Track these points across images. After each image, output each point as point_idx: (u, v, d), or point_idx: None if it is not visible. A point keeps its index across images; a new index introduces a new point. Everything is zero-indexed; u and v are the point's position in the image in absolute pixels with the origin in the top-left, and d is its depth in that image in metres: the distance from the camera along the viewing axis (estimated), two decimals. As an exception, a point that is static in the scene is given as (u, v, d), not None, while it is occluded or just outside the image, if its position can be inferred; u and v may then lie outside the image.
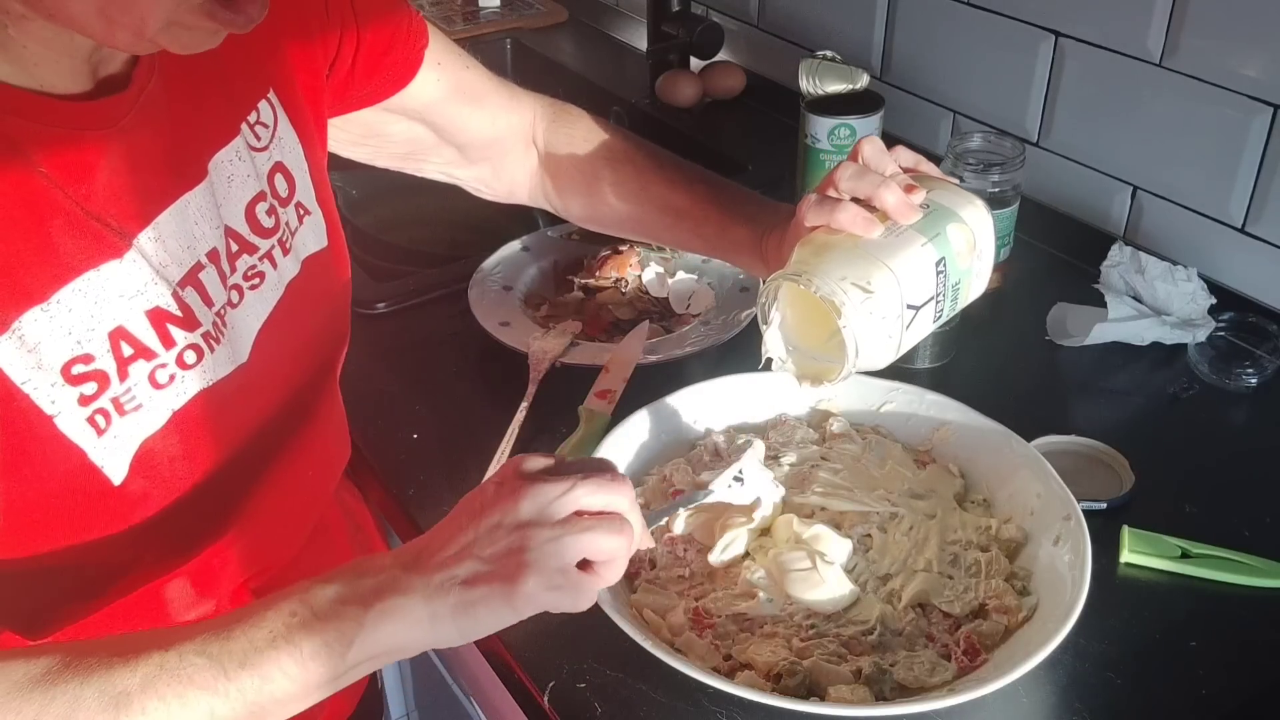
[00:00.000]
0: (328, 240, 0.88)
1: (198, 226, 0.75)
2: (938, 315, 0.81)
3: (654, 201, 1.03)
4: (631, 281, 1.25)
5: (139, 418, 0.71)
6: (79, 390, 0.67)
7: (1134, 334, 1.15)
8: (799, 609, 0.83)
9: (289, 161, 0.84)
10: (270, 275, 0.82)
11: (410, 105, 0.97)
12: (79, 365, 0.67)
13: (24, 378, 0.65)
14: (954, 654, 0.80)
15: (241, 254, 0.79)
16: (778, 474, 0.94)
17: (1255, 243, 1.19)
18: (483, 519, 0.67)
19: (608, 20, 2.03)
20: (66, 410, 0.67)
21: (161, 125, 0.73)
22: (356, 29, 0.88)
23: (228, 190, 0.78)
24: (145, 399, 0.71)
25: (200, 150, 0.77)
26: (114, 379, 0.69)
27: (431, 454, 1.05)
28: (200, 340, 0.74)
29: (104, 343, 0.68)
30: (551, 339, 1.15)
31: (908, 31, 1.49)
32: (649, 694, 0.81)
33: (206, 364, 0.75)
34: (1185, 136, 1.21)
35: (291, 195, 0.84)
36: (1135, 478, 0.98)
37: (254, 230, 0.80)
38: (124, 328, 0.69)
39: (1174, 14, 1.17)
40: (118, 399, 0.69)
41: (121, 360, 0.69)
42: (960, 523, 0.90)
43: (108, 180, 0.69)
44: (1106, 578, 0.90)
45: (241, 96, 0.80)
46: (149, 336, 0.71)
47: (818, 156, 1.37)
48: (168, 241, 0.72)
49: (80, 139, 0.67)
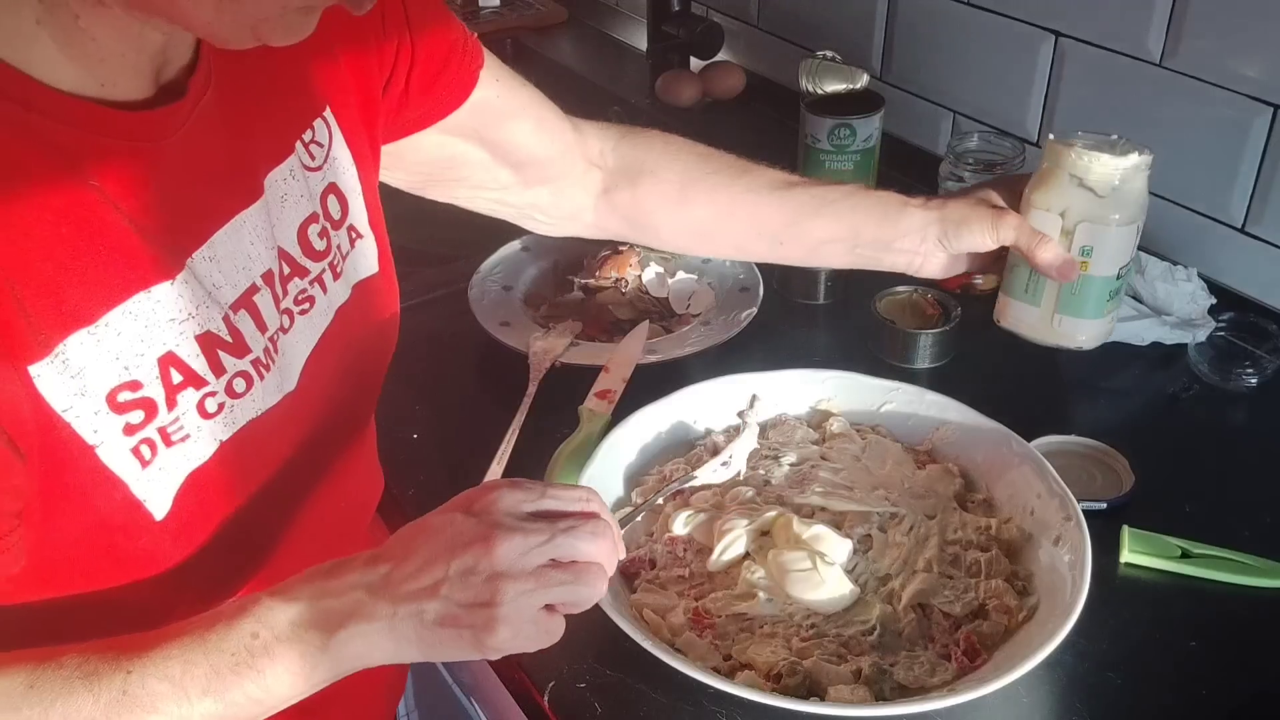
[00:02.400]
0: (378, 267, 0.85)
1: (253, 247, 0.72)
2: None
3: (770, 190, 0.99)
4: (631, 281, 1.25)
5: (186, 449, 0.68)
6: (124, 419, 0.64)
7: (1134, 334, 1.15)
8: (799, 609, 0.83)
9: (343, 183, 0.81)
10: (320, 300, 0.79)
11: (468, 123, 0.92)
12: (125, 392, 0.64)
13: (66, 405, 0.61)
14: (954, 654, 0.80)
15: (293, 277, 0.76)
16: (777, 474, 0.95)
17: (1255, 243, 1.19)
18: (456, 557, 0.64)
19: (608, 20, 2.03)
20: (110, 440, 0.64)
21: (217, 139, 0.70)
22: (412, 44, 0.84)
23: (281, 210, 0.75)
24: (193, 429, 0.68)
25: (255, 166, 0.73)
26: (162, 407, 0.66)
27: (431, 454, 1.05)
28: (250, 368, 0.71)
29: (153, 369, 0.65)
30: (551, 339, 1.15)
31: (908, 31, 1.49)
32: (649, 694, 0.81)
33: (256, 393, 0.72)
34: (1185, 136, 1.21)
35: (344, 218, 0.81)
36: (1135, 478, 0.98)
37: (305, 253, 0.77)
38: (174, 353, 0.66)
39: (1174, 14, 1.17)
40: (164, 429, 0.66)
41: (170, 388, 0.66)
42: (960, 523, 0.90)
43: (162, 195, 0.66)
44: (1106, 578, 0.90)
45: (297, 113, 0.77)
46: (199, 363, 0.68)
47: (818, 156, 1.37)
48: (222, 262, 0.69)
49: (137, 151, 0.64)
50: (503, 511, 0.66)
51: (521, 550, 0.64)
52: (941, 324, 1.15)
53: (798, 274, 1.25)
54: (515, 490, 0.67)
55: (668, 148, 1.02)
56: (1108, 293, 0.95)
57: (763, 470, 0.95)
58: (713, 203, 1.00)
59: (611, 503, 0.92)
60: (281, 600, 0.64)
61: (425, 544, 0.65)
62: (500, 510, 0.66)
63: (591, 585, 0.66)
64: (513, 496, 0.67)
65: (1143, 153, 0.92)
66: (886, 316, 1.16)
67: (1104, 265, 0.93)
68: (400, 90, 0.85)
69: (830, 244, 1.00)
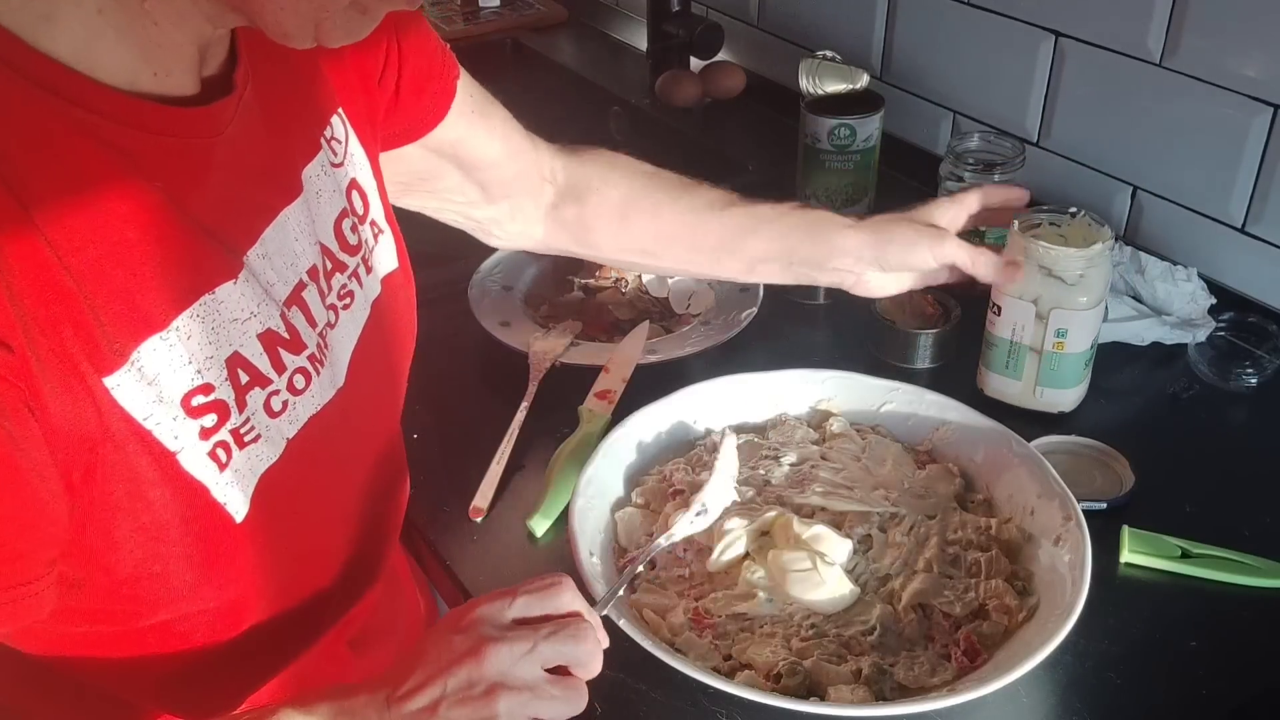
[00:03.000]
0: (398, 262, 0.87)
1: (297, 243, 0.73)
2: None
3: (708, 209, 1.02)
4: (631, 281, 1.25)
5: (258, 449, 0.69)
6: (199, 423, 0.64)
7: (1134, 334, 1.15)
8: (799, 609, 0.83)
9: (361, 179, 0.82)
10: (358, 294, 0.80)
11: (448, 136, 0.93)
12: (199, 396, 0.64)
13: (146, 413, 0.61)
14: (954, 654, 0.80)
15: (335, 272, 0.77)
16: (777, 474, 0.95)
17: (1255, 243, 1.19)
18: (450, 674, 0.65)
19: (608, 20, 2.03)
20: (189, 446, 0.64)
21: (258, 135, 0.70)
22: (399, 46, 0.85)
23: (319, 205, 0.76)
24: (263, 429, 0.69)
25: (294, 162, 0.74)
26: (233, 409, 0.66)
27: (431, 454, 1.05)
28: (307, 363, 0.72)
29: (222, 371, 0.66)
30: (551, 339, 1.15)
31: (908, 31, 1.49)
32: (649, 694, 0.81)
33: (314, 388, 0.73)
34: (1185, 136, 1.21)
35: (367, 213, 0.82)
36: (1135, 478, 0.98)
37: (343, 248, 0.78)
38: (240, 353, 0.67)
39: (1174, 14, 1.17)
40: (237, 430, 0.67)
41: (239, 389, 0.67)
42: (960, 523, 0.90)
43: (218, 193, 0.66)
44: (1106, 578, 0.90)
45: (318, 111, 0.78)
46: (262, 362, 0.68)
47: (818, 156, 1.37)
48: (274, 259, 0.70)
49: (192, 149, 0.64)
50: (485, 623, 0.68)
51: (510, 659, 0.66)
52: (941, 324, 1.15)
53: (798, 274, 1.25)
54: (493, 602, 0.69)
55: (614, 167, 1.05)
56: (1083, 363, 1.04)
57: (763, 470, 0.95)
58: (653, 221, 1.03)
59: (612, 502, 0.92)
60: (302, 713, 0.65)
61: (420, 665, 0.67)
62: (484, 623, 0.68)
63: (578, 703, 0.68)
64: (492, 608, 0.69)
65: (1104, 238, 1.00)
66: (886, 316, 1.16)
67: (1078, 343, 1.02)
68: (392, 92, 0.86)
69: (766, 262, 1.03)
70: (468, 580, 0.91)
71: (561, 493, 0.95)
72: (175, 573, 0.67)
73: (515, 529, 0.96)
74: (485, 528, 0.97)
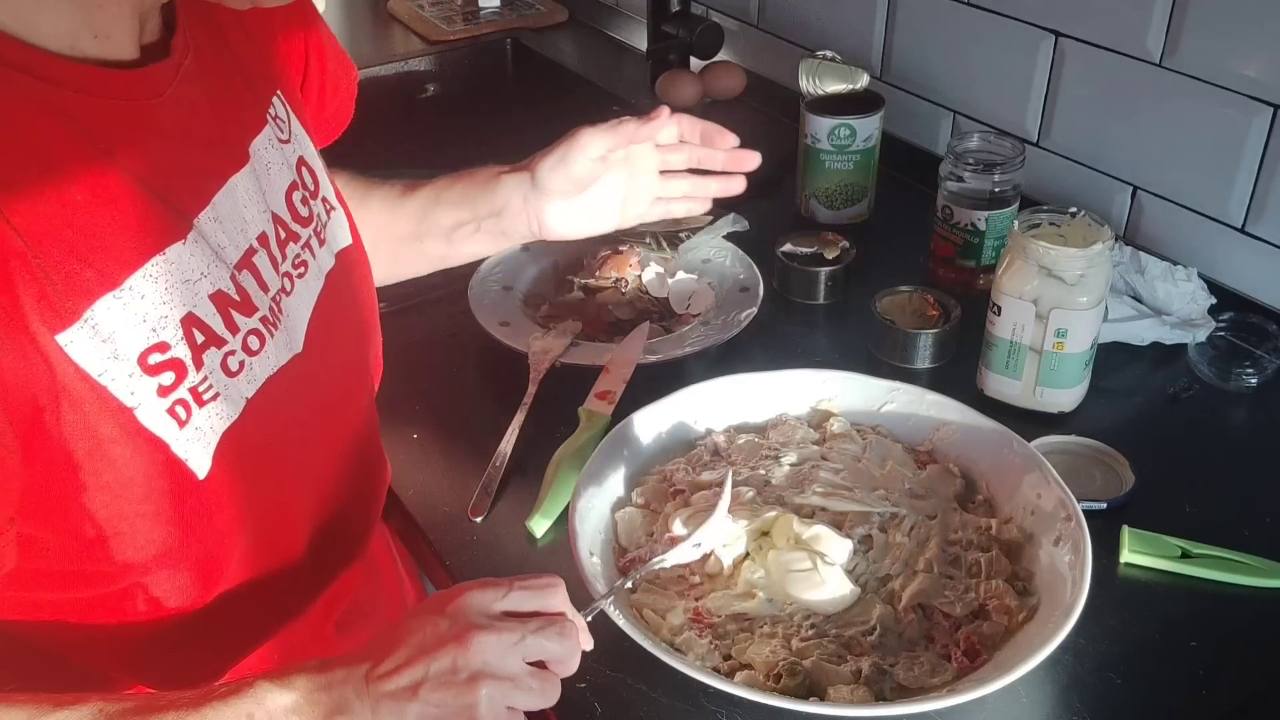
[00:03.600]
0: (351, 239, 0.88)
1: (246, 210, 0.74)
2: None
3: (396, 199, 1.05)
4: (631, 281, 1.25)
5: (218, 408, 0.70)
6: (157, 381, 0.66)
7: (1134, 334, 1.15)
8: (799, 609, 0.83)
9: (308, 157, 0.84)
10: (312, 264, 0.81)
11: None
12: (155, 355, 0.66)
13: (101, 369, 0.63)
14: (954, 654, 0.80)
15: (288, 241, 0.79)
16: (777, 474, 0.94)
17: (1255, 243, 1.19)
18: (433, 658, 0.66)
19: (608, 20, 2.03)
20: (146, 402, 0.66)
21: (201, 104, 0.72)
22: (320, 38, 0.89)
23: (268, 177, 0.78)
24: (221, 388, 0.70)
25: (239, 134, 0.76)
26: (190, 368, 0.68)
27: (432, 454, 1.05)
28: (260, 325, 0.73)
29: (177, 330, 0.67)
30: (551, 339, 1.15)
31: (908, 31, 1.49)
32: (649, 694, 0.81)
33: (269, 351, 0.74)
34: (1185, 136, 1.21)
35: (318, 189, 0.84)
36: (1135, 478, 0.98)
37: (295, 219, 0.80)
38: (194, 314, 0.68)
39: (1174, 14, 1.17)
40: (195, 389, 0.68)
41: (195, 348, 0.68)
42: (961, 523, 0.90)
43: (165, 156, 0.68)
44: (1106, 578, 0.90)
45: (259, 89, 0.80)
46: (216, 322, 0.70)
47: (818, 156, 1.37)
48: (225, 223, 0.72)
49: (133, 111, 0.66)
50: (475, 611, 0.68)
51: (496, 650, 0.66)
52: (941, 324, 1.15)
53: (797, 274, 1.25)
54: (485, 590, 0.69)
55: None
56: (1083, 363, 1.04)
57: (763, 470, 0.95)
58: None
59: (612, 502, 0.92)
60: (278, 686, 0.65)
61: (403, 645, 0.67)
62: (472, 610, 0.68)
63: (552, 696, 0.69)
64: (483, 597, 0.69)
65: (1104, 238, 1.00)
66: (886, 316, 1.16)
67: (1078, 343, 1.02)
68: (317, 83, 0.89)
69: (460, 229, 1.05)
70: (467, 580, 0.91)
71: (561, 493, 0.95)
72: (142, 531, 0.68)
73: (515, 529, 0.96)
74: (485, 528, 0.97)
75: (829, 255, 1.26)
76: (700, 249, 1.29)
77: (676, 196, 1.08)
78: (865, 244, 1.29)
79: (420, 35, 1.98)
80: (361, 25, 2.08)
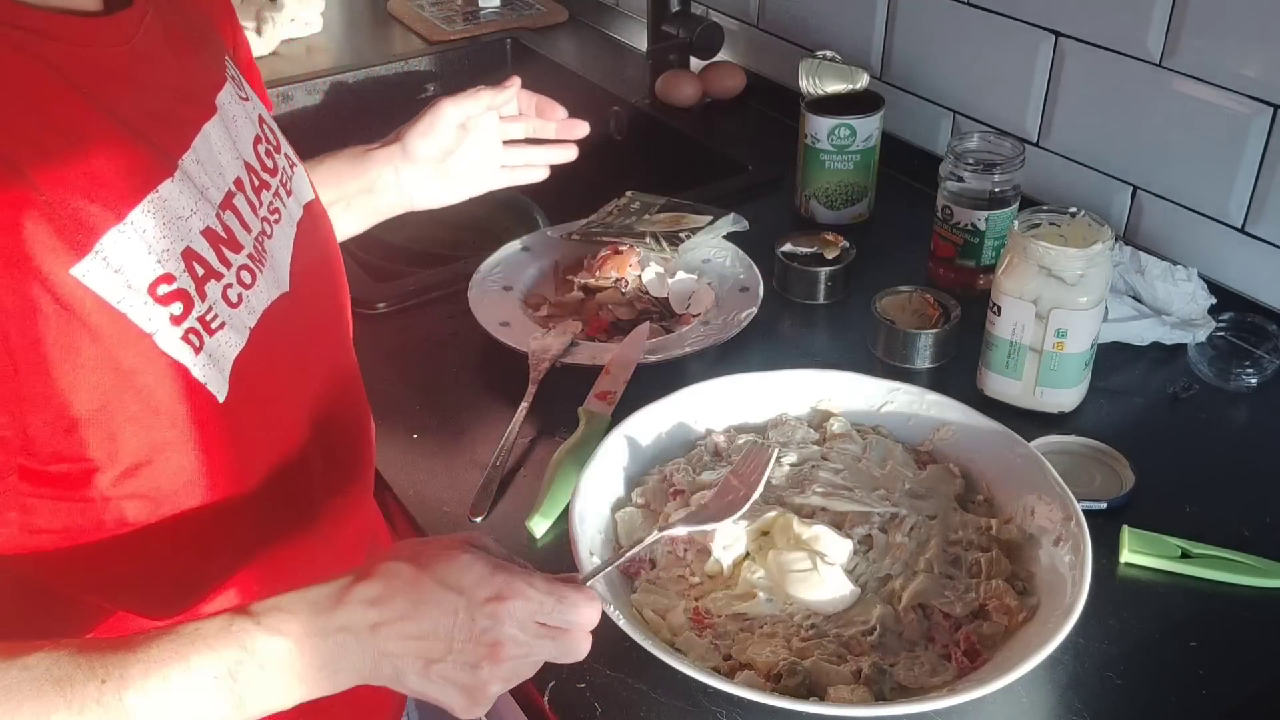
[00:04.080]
0: (313, 194, 0.91)
1: (222, 155, 0.77)
2: None
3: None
4: (631, 281, 1.25)
5: (226, 336, 0.73)
6: (168, 310, 0.69)
7: (1134, 334, 1.15)
8: (799, 609, 0.83)
9: (265, 116, 0.87)
10: (284, 212, 0.84)
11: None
12: (163, 285, 0.68)
13: (118, 297, 0.66)
14: (954, 654, 0.80)
15: (261, 189, 0.81)
16: (777, 474, 0.94)
17: (1255, 243, 1.19)
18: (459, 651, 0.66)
19: (608, 20, 2.03)
20: (162, 330, 0.68)
21: (166, 56, 0.75)
22: (243, 36, 0.92)
23: (235, 128, 0.80)
24: (227, 317, 0.73)
25: (205, 86, 0.79)
26: (196, 299, 0.71)
27: (432, 454, 1.05)
28: (248, 261, 0.76)
29: (179, 263, 0.70)
30: (551, 339, 1.15)
31: (908, 31, 1.49)
32: (649, 694, 0.81)
33: (260, 286, 0.77)
34: (1185, 136, 1.21)
35: (279, 145, 0.87)
36: (1135, 478, 0.98)
37: (263, 169, 0.83)
38: (192, 247, 0.71)
39: (1174, 14, 1.17)
40: (203, 318, 0.71)
41: (197, 280, 0.71)
42: (961, 523, 0.90)
43: (143, 100, 0.71)
44: (1106, 578, 0.90)
45: (214, 48, 0.83)
46: (211, 256, 0.73)
47: (818, 156, 1.37)
48: (205, 165, 0.75)
49: (107, 59, 0.69)
50: (517, 623, 0.67)
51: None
52: (941, 324, 1.15)
53: (797, 274, 1.25)
54: (529, 602, 0.68)
55: None
56: (1083, 363, 1.04)
57: (763, 470, 0.95)
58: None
59: (612, 502, 0.92)
60: (267, 632, 0.65)
61: (429, 616, 0.66)
62: (514, 621, 0.67)
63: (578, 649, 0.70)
64: (526, 609, 0.68)
65: (1104, 238, 1.00)
66: (886, 316, 1.16)
67: (1078, 343, 1.02)
68: (245, 66, 0.91)
69: (332, 207, 1.05)
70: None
71: (561, 493, 0.95)
72: (172, 460, 0.70)
73: (515, 529, 0.96)
74: (485, 528, 0.97)
75: (829, 255, 1.26)
76: (700, 249, 1.29)
77: (519, 165, 1.17)
78: (865, 244, 1.29)
79: (420, 35, 1.98)
80: (361, 25, 2.08)
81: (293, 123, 1.76)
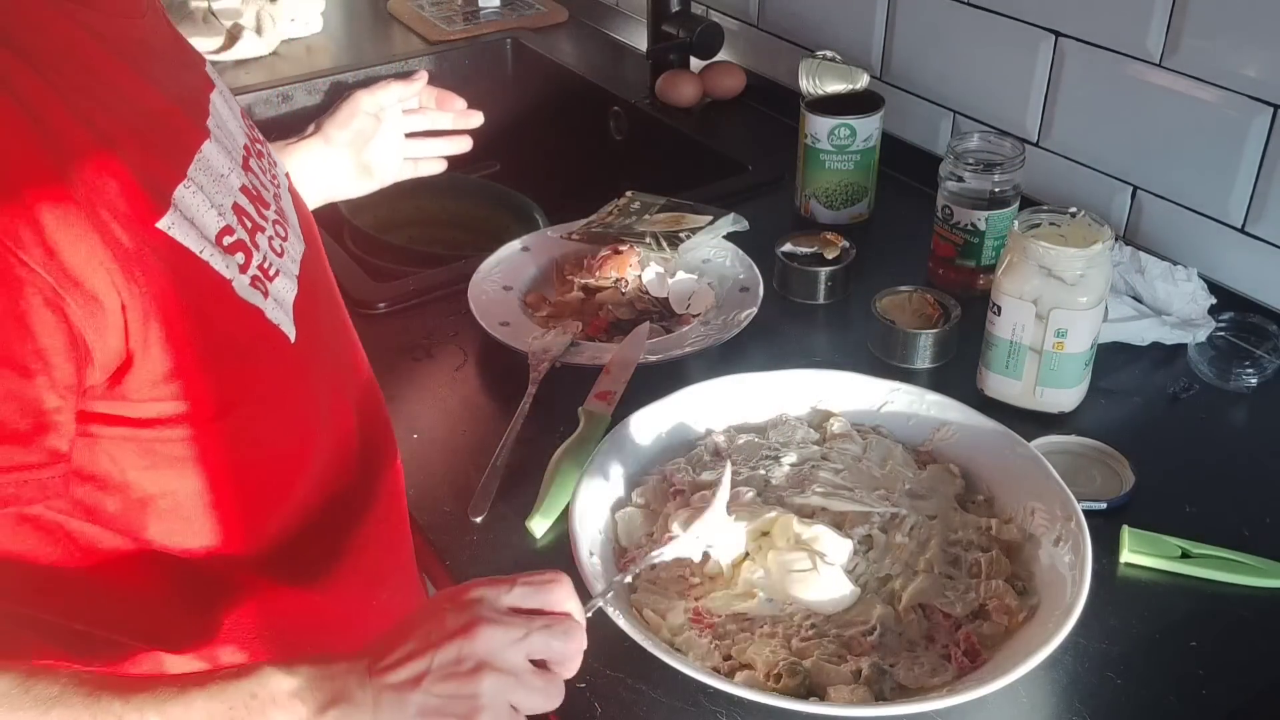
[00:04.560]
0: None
1: (229, 123, 0.81)
2: None
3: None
4: (631, 281, 1.25)
5: (283, 283, 0.77)
6: (235, 259, 0.72)
7: (1134, 334, 1.15)
8: (799, 609, 0.83)
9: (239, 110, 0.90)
10: (278, 175, 0.87)
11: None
12: (226, 236, 0.72)
13: (200, 246, 0.69)
14: (954, 654, 0.80)
15: (260, 155, 0.84)
16: (777, 474, 0.94)
17: (1255, 243, 1.19)
18: (438, 650, 0.67)
19: (608, 20, 2.03)
20: (236, 277, 0.72)
21: (166, 29, 0.78)
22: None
23: (227, 98, 0.84)
24: (279, 266, 0.77)
25: (197, 60, 0.83)
26: (252, 249, 0.74)
27: (432, 454, 1.05)
28: (277, 217, 0.80)
29: (233, 216, 0.73)
30: (551, 339, 1.15)
31: (908, 31, 1.49)
32: (649, 694, 0.81)
33: (291, 240, 0.82)
34: (1185, 136, 1.21)
35: (255, 129, 0.89)
36: (1135, 478, 0.98)
37: (254, 138, 0.86)
38: (238, 203, 0.74)
39: (1174, 14, 1.17)
40: (262, 266, 0.75)
41: (248, 231, 0.75)
42: (961, 523, 0.90)
43: (165, 70, 0.74)
44: (1106, 578, 0.90)
45: (198, 59, 0.85)
46: (252, 210, 0.76)
47: (818, 156, 1.37)
48: (223, 130, 0.78)
49: (136, 28, 0.72)
50: (482, 604, 0.69)
51: (502, 643, 0.68)
52: (941, 324, 1.15)
53: (797, 274, 1.25)
54: (492, 586, 0.71)
55: None
56: (1083, 363, 1.04)
57: (763, 470, 0.95)
58: None
59: (612, 502, 0.92)
60: (282, 671, 0.66)
61: (409, 637, 0.68)
62: (480, 603, 0.69)
63: (555, 698, 0.70)
64: (491, 592, 0.70)
65: (1104, 238, 1.00)
66: (886, 316, 1.16)
67: (1078, 343, 1.02)
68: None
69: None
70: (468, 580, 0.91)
71: (561, 493, 0.95)
72: (253, 403, 0.74)
73: (515, 529, 0.96)
74: (485, 528, 0.97)
75: (829, 255, 1.26)
76: (700, 249, 1.29)
77: (421, 156, 1.20)
78: (865, 244, 1.29)
79: (420, 35, 1.98)
80: (361, 25, 2.08)
81: (293, 123, 1.76)
